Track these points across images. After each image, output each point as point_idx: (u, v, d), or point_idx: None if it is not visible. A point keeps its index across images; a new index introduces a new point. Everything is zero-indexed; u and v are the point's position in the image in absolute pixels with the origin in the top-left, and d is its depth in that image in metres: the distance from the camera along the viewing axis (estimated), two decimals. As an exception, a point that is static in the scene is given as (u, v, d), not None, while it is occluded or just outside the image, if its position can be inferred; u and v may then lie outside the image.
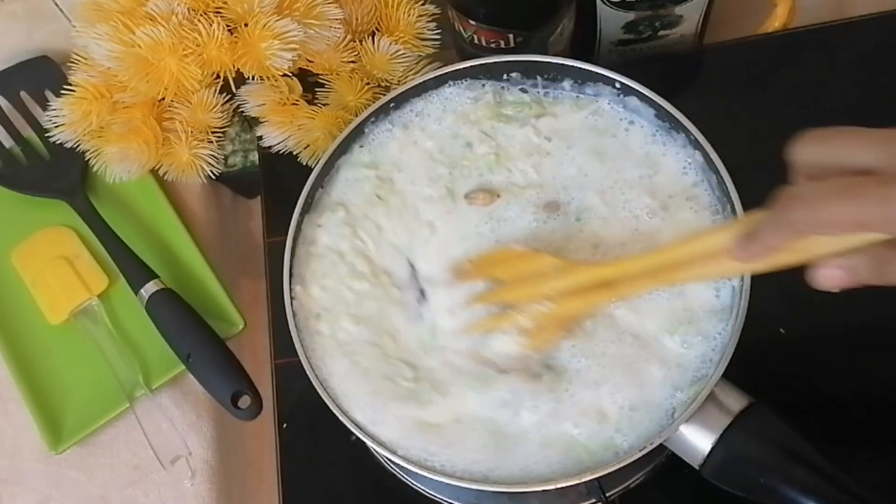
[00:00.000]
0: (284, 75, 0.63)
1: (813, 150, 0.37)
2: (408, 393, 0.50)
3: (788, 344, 0.59)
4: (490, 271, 0.51)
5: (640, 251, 0.50)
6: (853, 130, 0.36)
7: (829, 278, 0.37)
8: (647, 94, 0.54)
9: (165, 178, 0.68)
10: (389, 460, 0.52)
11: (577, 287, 0.48)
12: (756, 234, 0.38)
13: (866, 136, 0.35)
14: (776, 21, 0.69)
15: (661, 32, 0.68)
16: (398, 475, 0.59)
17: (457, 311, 0.51)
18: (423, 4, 0.66)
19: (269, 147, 0.65)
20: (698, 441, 0.46)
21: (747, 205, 0.50)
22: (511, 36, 0.62)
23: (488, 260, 0.52)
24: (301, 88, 0.65)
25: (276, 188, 0.69)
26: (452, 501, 0.57)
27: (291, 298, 0.53)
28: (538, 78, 0.57)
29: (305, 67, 0.65)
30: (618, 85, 0.55)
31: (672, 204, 0.53)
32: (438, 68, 0.58)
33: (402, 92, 0.57)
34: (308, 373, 0.50)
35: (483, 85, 0.57)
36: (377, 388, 0.50)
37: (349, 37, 0.64)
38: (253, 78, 0.62)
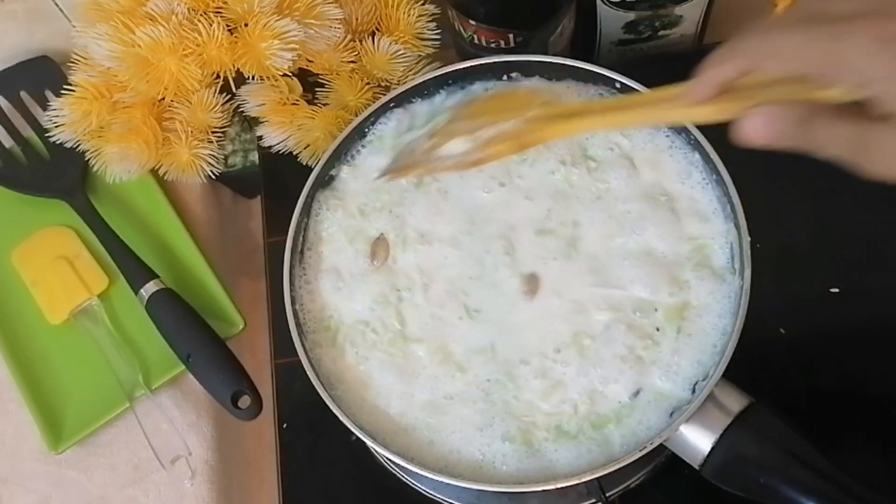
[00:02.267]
0: (284, 75, 0.63)
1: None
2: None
3: (788, 344, 0.59)
4: (495, 111, 0.51)
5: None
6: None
7: (756, 128, 0.37)
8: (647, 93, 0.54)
9: (165, 178, 0.68)
10: (389, 460, 0.52)
11: (545, 116, 0.48)
12: (706, 67, 0.38)
13: None
14: (776, 21, 0.69)
15: (661, 32, 0.68)
16: (398, 475, 0.59)
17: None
18: (423, 4, 0.66)
19: (269, 147, 0.65)
20: (698, 441, 0.46)
21: (747, 205, 0.50)
22: (511, 36, 0.62)
23: (495, 99, 0.52)
24: (301, 88, 0.65)
25: (276, 188, 0.69)
26: (452, 501, 0.57)
27: (292, 298, 0.53)
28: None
29: (305, 67, 0.65)
30: (618, 85, 0.55)
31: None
32: (438, 68, 0.58)
33: (402, 92, 0.57)
34: (308, 373, 0.50)
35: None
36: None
37: (349, 37, 0.64)
38: (253, 78, 0.62)
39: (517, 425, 0.49)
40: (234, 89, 0.64)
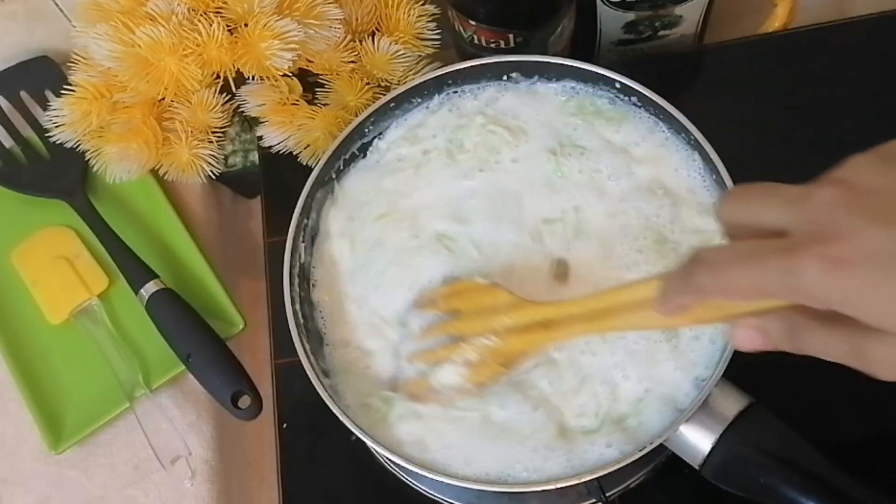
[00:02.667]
0: (284, 75, 0.63)
1: (733, 207, 0.35)
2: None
3: (788, 344, 0.59)
4: (453, 302, 0.52)
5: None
6: (769, 187, 0.34)
7: (745, 340, 0.36)
8: (647, 94, 0.54)
9: (165, 178, 0.68)
10: (389, 460, 0.52)
11: (522, 325, 0.48)
12: (666, 291, 0.37)
13: (778, 194, 0.33)
14: (776, 21, 0.70)
15: (661, 32, 0.68)
16: (398, 475, 0.59)
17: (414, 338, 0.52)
18: (423, 4, 0.66)
19: (269, 147, 0.65)
20: (698, 441, 0.47)
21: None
22: (511, 36, 0.62)
23: (453, 290, 0.52)
24: (301, 88, 0.65)
25: (276, 188, 0.69)
26: (452, 501, 0.57)
27: (292, 298, 0.53)
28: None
29: (305, 67, 0.65)
30: (618, 85, 0.55)
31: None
32: (438, 68, 0.58)
33: (402, 92, 0.57)
34: (308, 373, 0.50)
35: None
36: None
37: (349, 37, 0.64)
38: (253, 78, 0.62)
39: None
40: (234, 89, 0.64)
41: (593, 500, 0.56)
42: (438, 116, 0.58)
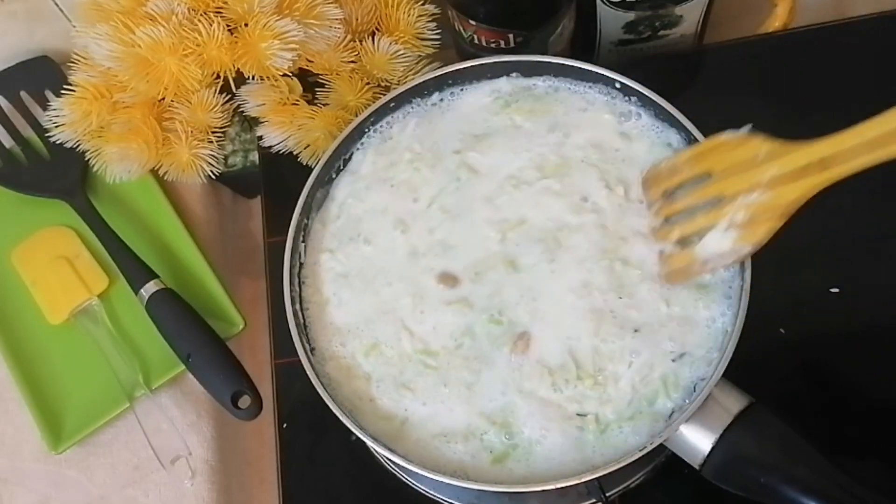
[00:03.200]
0: (284, 75, 0.63)
1: None
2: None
3: (788, 344, 0.59)
4: (699, 165, 0.49)
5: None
6: None
7: None
8: (647, 94, 0.54)
9: (165, 178, 0.68)
10: (389, 460, 0.52)
11: (792, 171, 0.45)
12: None
13: None
14: (776, 21, 0.70)
15: (661, 32, 0.68)
16: (398, 475, 0.59)
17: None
18: (423, 4, 0.66)
19: (269, 147, 0.65)
20: (698, 441, 0.46)
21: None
22: (511, 36, 0.62)
23: (698, 152, 0.50)
24: (301, 88, 0.65)
25: (276, 188, 0.69)
26: (452, 501, 0.57)
27: (292, 298, 0.53)
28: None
29: (305, 67, 0.65)
30: (618, 85, 0.55)
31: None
32: (438, 68, 0.58)
33: (402, 92, 0.57)
34: (308, 373, 0.50)
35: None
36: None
37: (349, 37, 0.64)
38: (253, 78, 0.62)
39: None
40: (234, 89, 0.64)
41: (593, 500, 0.56)
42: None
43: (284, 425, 0.61)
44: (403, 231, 0.55)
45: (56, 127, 0.65)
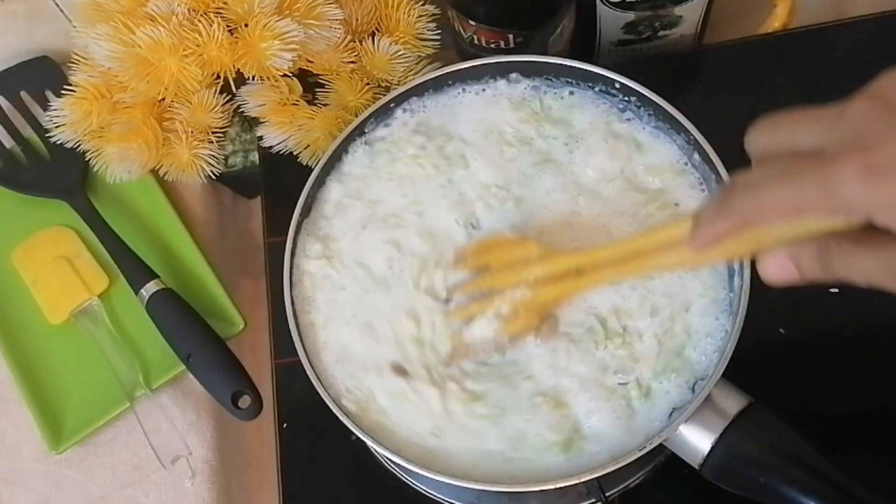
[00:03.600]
0: (284, 75, 0.63)
1: (763, 136, 0.35)
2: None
3: (788, 344, 0.60)
4: (483, 258, 0.52)
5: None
6: (800, 112, 0.34)
7: (775, 270, 0.36)
8: (647, 94, 0.54)
9: (165, 178, 0.68)
10: (389, 460, 0.52)
11: (552, 274, 0.49)
12: (703, 221, 0.37)
13: (810, 116, 0.34)
14: (776, 21, 0.70)
15: (661, 33, 0.68)
16: (398, 475, 0.59)
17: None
18: (423, 4, 0.66)
19: (270, 147, 0.65)
20: (698, 441, 0.47)
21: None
22: (511, 36, 0.62)
23: (483, 246, 0.53)
24: (301, 88, 0.65)
25: (276, 188, 0.69)
26: (452, 501, 0.57)
27: (292, 298, 0.53)
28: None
29: (305, 67, 0.65)
30: (617, 85, 0.55)
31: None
32: (438, 68, 0.58)
33: (402, 92, 0.57)
34: (308, 373, 0.50)
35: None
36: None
37: (349, 37, 0.65)
38: (253, 78, 0.62)
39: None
40: (234, 90, 0.64)
41: (593, 500, 0.56)
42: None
43: (284, 425, 0.61)
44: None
45: (56, 127, 0.65)
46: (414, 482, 0.58)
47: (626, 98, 0.56)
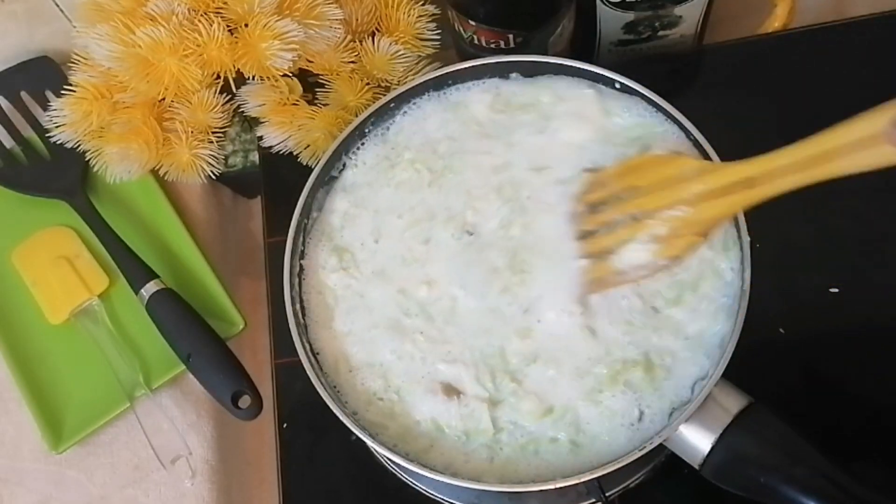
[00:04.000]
0: (284, 75, 0.63)
1: None
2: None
3: (788, 344, 0.60)
4: (627, 179, 0.49)
5: None
6: None
7: None
8: (647, 94, 0.54)
9: (165, 178, 0.68)
10: (389, 460, 0.52)
11: (717, 189, 0.45)
12: None
13: None
14: (776, 21, 0.70)
15: (661, 33, 0.68)
16: (398, 475, 0.59)
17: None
18: (423, 4, 0.66)
19: (270, 147, 0.65)
20: (698, 441, 0.46)
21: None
22: (511, 36, 0.62)
23: (627, 167, 0.50)
24: (301, 88, 0.65)
25: (276, 188, 0.69)
26: (452, 501, 0.57)
27: (292, 298, 0.53)
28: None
29: (305, 67, 0.65)
30: (617, 85, 0.55)
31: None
32: (438, 68, 0.58)
33: (402, 92, 0.57)
34: (308, 373, 0.50)
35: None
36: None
37: (349, 37, 0.65)
38: (253, 78, 0.63)
39: None
40: (234, 89, 0.64)
41: (593, 500, 0.56)
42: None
43: (284, 425, 0.61)
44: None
45: (56, 127, 0.65)
46: (414, 482, 0.58)
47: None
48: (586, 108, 0.55)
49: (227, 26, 0.60)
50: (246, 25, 0.60)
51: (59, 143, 0.66)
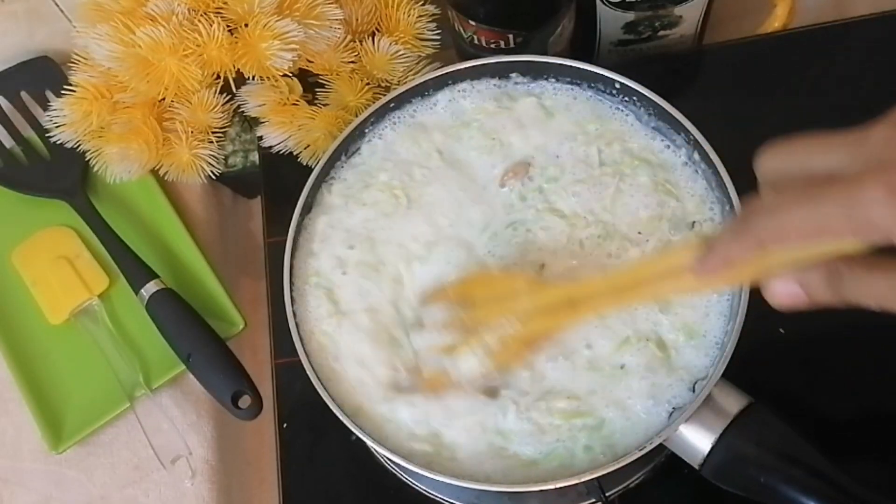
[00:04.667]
0: (284, 75, 0.63)
1: (776, 160, 0.35)
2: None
3: (788, 344, 0.60)
4: (465, 292, 0.51)
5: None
6: (815, 136, 0.34)
7: (783, 294, 0.36)
8: (647, 94, 0.54)
9: (166, 178, 0.68)
10: (389, 460, 0.52)
11: (544, 306, 0.48)
12: (715, 245, 0.37)
13: (827, 140, 0.33)
14: (776, 21, 0.70)
15: (661, 33, 0.68)
16: (398, 475, 0.59)
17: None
18: (423, 4, 0.66)
19: (270, 147, 0.65)
20: (698, 441, 0.46)
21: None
22: (511, 36, 0.62)
23: (467, 283, 0.52)
24: (301, 88, 0.65)
25: (276, 188, 0.69)
26: (452, 501, 0.57)
27: (292, 298, 0.53)
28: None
29: (305, 67, 0.65)
30: (617, 85, 0.55)
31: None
32: (438, 68, 0.58)
33: (402, 92, 0.57)
34: (308, 373, 0.50)
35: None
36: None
37: (349, 37, 0.65)
38: (253, 78, 0.63)
39: None
40: (234, 89, 0.64)
41: (593, 500, 0.56)
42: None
43: (284, 425, 0.61)
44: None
45: (56, 127, 0.65)
46: (414, 482, 0.58)
47: (626, 98, 0.56)
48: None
49: (227, 26, 0.60)
50: (246, 25, 0.60)
51: (59, 143, 0.66)
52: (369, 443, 0.48)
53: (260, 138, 0.66)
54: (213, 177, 0.68)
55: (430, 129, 0.57)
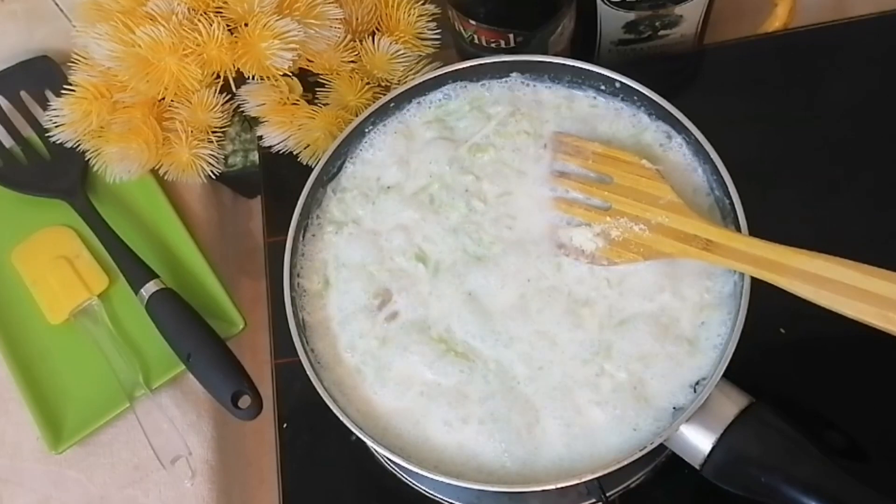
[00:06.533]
0: (284, 75, 0.63)
1: None
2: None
3: (788, 344, 0.59)
4: (605, 165, 0.51)
5: None
6: None
7: None
8: (647, 93, 0.54)
9: (165, 177, 0.68)
10: (389, 460, 0.52)
11: (679, 230, 0.48)
12: None
13: None
14: (776, 21, 0.70)
15: (662, 32, 0.68)
16: (398, 475, 0.59)
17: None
18: (423, 4, 0.66)
19: (270, 147, 0.65)
20: (699, 441, 0.46)
21: (747, 204, 0.50)
22: (511, 36, 0.62)
23: (610, 153, 0.52)
24: (301, 88, 0.65)
25: (276, 188, 0.69)
26: (452, 501, 0.57)
27: (292, 298, 0.53)
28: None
29: (305, 67, 0.65)
30: (618, 85, 0.55)
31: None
32: (438, 68, 0.58)
33: (402, 92, 0.57)
34: (308, 373, 0.50)
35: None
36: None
37: (349, 37, 0.64)
38: (253, 78, 0.62)
39: None
40: (234, 89, 0.64)
41: (593, 500, 0.56)
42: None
43: (284, 425, 0.61)
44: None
45: (56, 127, 0.65)
46: (414, 482, 0.58)
47: (626, 98, 0.56)
48: None
49: (227, 26, 0.60)
50: (246, 25, 0.60)
51: (58, 142, 0.66)
52: (369, 443, 0.48)
53: (260, 138, 0.66)
54: (213, 176, 0.67)
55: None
